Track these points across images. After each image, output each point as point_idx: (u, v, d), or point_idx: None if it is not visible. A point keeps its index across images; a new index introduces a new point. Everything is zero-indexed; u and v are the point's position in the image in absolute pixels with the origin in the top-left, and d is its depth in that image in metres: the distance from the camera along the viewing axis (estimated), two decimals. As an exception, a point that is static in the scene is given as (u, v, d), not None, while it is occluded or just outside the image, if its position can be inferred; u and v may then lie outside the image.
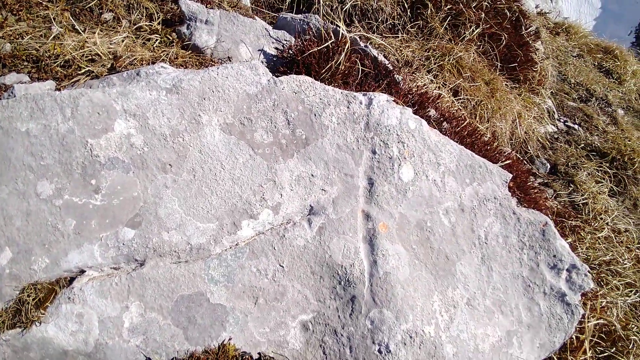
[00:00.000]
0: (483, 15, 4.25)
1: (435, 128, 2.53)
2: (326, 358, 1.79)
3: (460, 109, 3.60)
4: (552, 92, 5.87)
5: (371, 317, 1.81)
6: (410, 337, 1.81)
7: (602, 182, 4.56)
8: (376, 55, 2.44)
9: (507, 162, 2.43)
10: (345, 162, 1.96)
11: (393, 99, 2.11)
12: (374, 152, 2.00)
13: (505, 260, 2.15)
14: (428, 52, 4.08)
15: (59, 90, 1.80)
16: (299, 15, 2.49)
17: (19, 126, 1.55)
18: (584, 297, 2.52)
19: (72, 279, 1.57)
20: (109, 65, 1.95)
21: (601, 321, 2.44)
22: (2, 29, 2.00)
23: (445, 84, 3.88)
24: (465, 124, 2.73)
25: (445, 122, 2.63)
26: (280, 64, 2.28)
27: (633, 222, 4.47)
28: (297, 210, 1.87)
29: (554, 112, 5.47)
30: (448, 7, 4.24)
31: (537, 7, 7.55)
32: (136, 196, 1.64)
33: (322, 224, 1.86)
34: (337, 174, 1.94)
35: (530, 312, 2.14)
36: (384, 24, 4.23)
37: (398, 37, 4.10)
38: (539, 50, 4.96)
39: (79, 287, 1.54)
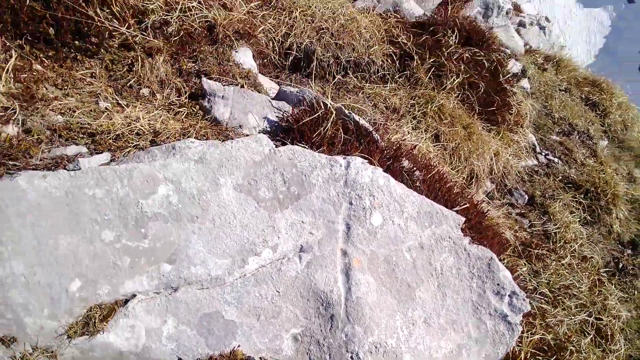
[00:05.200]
0: (463, 67, 4.85)
1: (407, 178, 3.12)
2: (311, 362, 2.36)
3: (437, 154, 4.19)
4: (535, 126, 6.40)
5: (345, 331, 2.38)
6: (376, 347, 2.37)
7: (575, 213, 5.06)
8: (358, 120, 3.06)
9: (465, 206, 2.99)
10: (328, 212, 2.55)
11: (367, 160, 2.71)
12: (350, 204, 2.59)
13: (457, 287, 2.70)
14: (414, 99, 4.70)
15: (114, 160, 2.45)
16: (295, 89, 3.13)
17: (86, 191, 2.18)
18: (527, 318, 3.04)
19: (127, 301, 2.18)
20: (150, 138, 2.60)
21: (540, 336, 2.95)
22: (52, 103, 2.64)
23: (428, 130, 4.47)
24: (434, 172, 3.31)
25: (417, 171, 3.21)
26: (280, 130, 2.91)
27: (601, 249, 4.94)
28: (291, 249, 2.47)
29: (535, 146, 6.00)
30: (432, 60, 4.86)
31: (526, 44, 8.11)
32: (172, 240, 2.26)
33: (309, 259, 2.45)
34: (322, 221, 2.53)
35: (478, 330, 2.68)
36: (376, 75, 4.87)
37: (387, 86, 4.72)
38: (517, 93, 5.52)
39: (132, 307, 2.15)
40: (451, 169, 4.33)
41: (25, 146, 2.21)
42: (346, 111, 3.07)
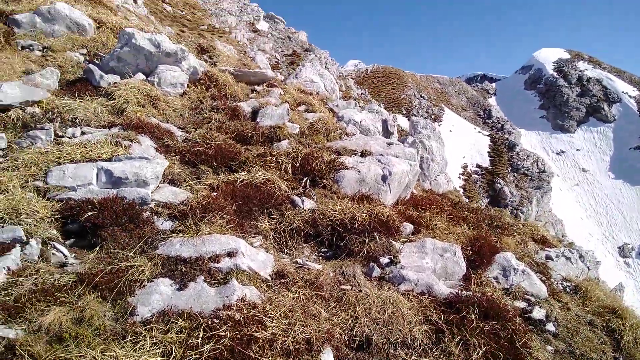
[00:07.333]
0: (484, 339, 6.56)
1: None
2: None
3: None
4: (563, 369, 7.51)
5: None
6: None
7: None
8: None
9: None
10: None
11: None
12: None
13: None
14: (449, 371, 6.32)
15: None
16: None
17: None
18: None
19: None
20: None
21: None
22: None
23: (461, 400, 5.94)
24: None
25: None
26: None
27: None
28: None
29: (564, 392, 7.04)
30: (459, 335, 6.65)
31: (551, 283, 9.70)
32: None
33: None
34: None
35: None
36: (418, 348, 6.67)
37: (428, 360, 6.45)
38: (534, 353, 6.95)
39: None
40: None
41: None
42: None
